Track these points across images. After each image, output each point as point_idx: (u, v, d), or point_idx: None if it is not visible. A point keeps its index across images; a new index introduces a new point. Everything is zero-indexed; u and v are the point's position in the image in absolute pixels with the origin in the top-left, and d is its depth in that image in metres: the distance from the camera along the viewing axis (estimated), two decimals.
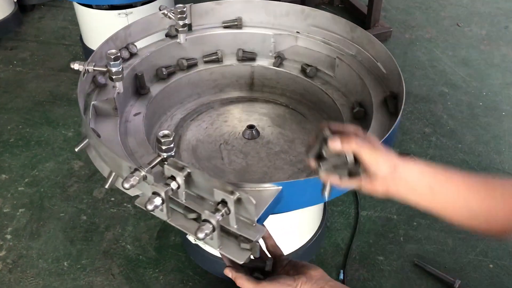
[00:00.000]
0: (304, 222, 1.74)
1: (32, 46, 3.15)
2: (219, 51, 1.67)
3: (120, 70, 1.33)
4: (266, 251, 1.16)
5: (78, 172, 2.24)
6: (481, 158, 2.32)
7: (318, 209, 1.77)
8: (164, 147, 1.06)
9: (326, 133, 0.98)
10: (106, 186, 1.16)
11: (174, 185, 0.95)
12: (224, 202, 0.91)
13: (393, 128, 1.22)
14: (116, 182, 1.17)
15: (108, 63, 1.32)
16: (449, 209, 0.98)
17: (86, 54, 2.82)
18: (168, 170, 0.96)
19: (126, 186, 0.97)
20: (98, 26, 2.62)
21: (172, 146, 1.07)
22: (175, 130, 1.57)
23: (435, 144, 2.40)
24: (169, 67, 1.62)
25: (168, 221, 0.98)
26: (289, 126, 1.60)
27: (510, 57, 3.06)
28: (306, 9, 1.64)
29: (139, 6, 2.53)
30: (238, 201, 0.91)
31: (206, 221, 0.88)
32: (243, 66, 1.70)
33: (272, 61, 1.69)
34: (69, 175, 2.22)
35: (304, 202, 1.17)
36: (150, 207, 0.92)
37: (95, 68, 1.35)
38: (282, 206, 1.09)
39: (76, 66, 1.37)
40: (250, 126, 1.54)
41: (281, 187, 1.06)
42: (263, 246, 1.14)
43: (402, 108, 1.28)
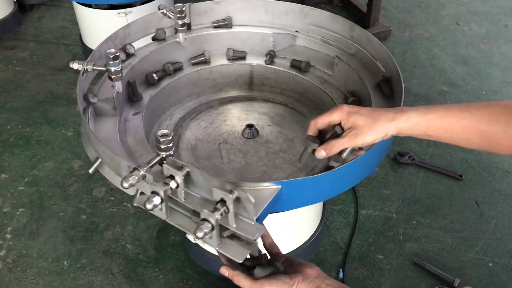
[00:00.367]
0: (303, 221, 1.74)
1: (31, 46, 3.15)
2: (207, 52, 1.65)
3: (119, 69, 1.33)
4: (264, 250, 1.16)
5: (78, 171, 2.24)
6: (480, 157, 2.32)
7: (317, 208, 1.77)
8: (163, 147, 1.06)
9: (311, 145, 1.14)
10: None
11: (173, 184, 0.95)
12: (223, 201, 0.91)
13: None
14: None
15: (107, 63, 1.32)
16: (459, 142, 1.06)
17: (86, 53, 2.82)
18: (167, 170, 0.96)
19: (125, 185, 0.97)
20: (98, 26, 2.62)
21: (171, 145, 1.07)
22: (175, 129, 1.57)
23: (435, 142, 2.40)
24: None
25: (167, 220, 0.98)
26: (288, 125, 1.60)
27: (509, 55, 3.06)
28: (305, 8, 1.64)
29: (139, 5, 2.53)
30: (237, 200, 0.91)
31: (205, 220, 0.89)
32: (242, 65, 1.70)
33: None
34: (68, 175, 2.22)
35: (303, 201, 1.17)
36: (149, 206, 0.92)
37: (94, 67, 1.35)
38: (281, 205, 1.09)
39: (75, 65, 1.37)
40: (250, 125, 1.54)
41: (280, 186, 1.06)
42: (261, 244, 1.14)
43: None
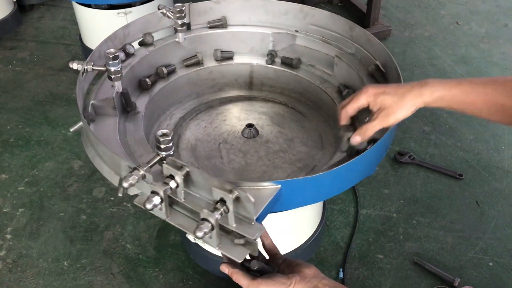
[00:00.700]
0: (303, 220, 1.74)
1: (31, 46, 3.15)
2: (199, 54, 1.65)
3: (119, 69, 1.33)
4: (263, 250, 1.16)
5: (78, 171, 2.24)
6: (480, 156, 2.32)
7: (317, 207, 1.77)
8: (163, 146, 1.06)
9: (346, 133, 1.21)
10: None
11: (173, 184, 0.95)
12: (223, 201, 0.91)
13: (391, 127, 1.22)
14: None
15: (106, 63, 1.32)
16: (481, 115, 1.12)
17: (86, 53, 2.82)
18: (167, 169, 0.96)
19: (125, 185, 0.97)
20: (97, 26, 2.62)
21: (171, 145, 1.07)
22: (174, 129, 1.57)
23: (435, 142, 2.40)
24: (168, 66, 1.61)
25: (167, 220, 0.98)
26: (288, 125, 1.60)
27: (509, 55, 3.06)
28: (305, 7, 1.64)
29: (138, 5, 2.53)
30: (237, 199, 0.91)
31: (205, 220, 0.89)
32: (242, 65, 1.70)
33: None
34: (68, 175, 2.22)
35: (303, 201, 1.17)
36: (149, 206, 0.92)
37: (94, 67, 1.35)
38: (281, 205, 1.09)
39: (75, 65, 1.37)
40: (249, 125, 1.54)
41: (280, 186, 1.06)
42: (260, 244, 1.14)
43: None
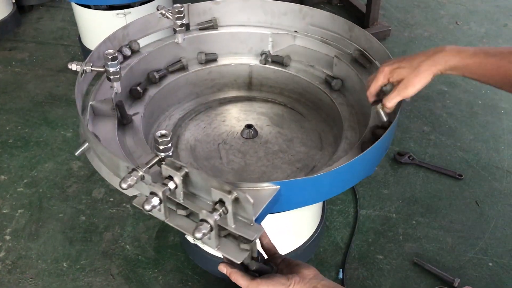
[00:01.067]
0: (303, 221, 1.74)
1: (30, 47, 3.15)
2: (183, 59, 1.63)
3: (117, 70, 1.33)
4: (261, 250, 1.16)
5: (77, 172, 2.24)
6: (480, 157, 2.32)
7: (317, 208, 1.77)
8: (161, 147, 1.06)
9: (376, 108, 1.24)
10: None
11: (171, 185, 0.95)
12: (221, 202, 0.91)
13: (391, 127, 1.22)
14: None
15: (105, 64, 1.32)
16: (495, 85, 1.14)
17: (85, 54, 2.82)
18: (165, 170, 0.95)
19: (124, 186, 0.97)
20: (97, 26, 2.62)
21: (169, 146, 1.07)
22: (174, 130, 1.57)
23: (434, 142, 2.40)
24: (167, 67, 1.62)
25: (166, 221, 0.98)
26: (287, 125, 1.59)
27: None
28: (304, 8, 1.64)
29: (137, 6, 2.53)
30: (236, 200, 0.91)
31: (203, 220, 0.88)
32: (241, 66, 1.70)
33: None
34: (68, 176, 2.22)
35: (302, 201, 1.16)
36: (147, 207, 0.92)
37: (93, 68, 1.35)
38: (280, 206, 1.09)
39: (73, 66, 1.37)
40: (249, 126, 1.54)
41: (279, 187, 1.06)
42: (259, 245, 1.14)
43: (401, 107, 1.28)
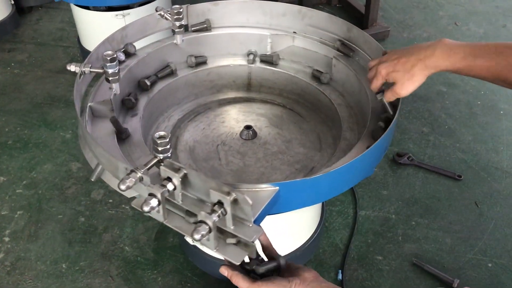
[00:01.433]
0: (302, 222, 1.74)
1: (29, 48, 3.15)
2: (172, 64, 1.62)
3: (116, 71, 1.33)
4: (262, 253, 1.15)
5: (76, 173, 2.24)
6: (479, 157, 2.32)
7: (316, 209, 1.77)
8: (160, 148, 1.06)
9: (380, 97, 1.32)
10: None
11: (170, 186, 0.95)
12: (220, 203, 0.90)
13: (390, 127, 1.22)
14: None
15: (104, 65, 1.32)
16: (486, 81, 1.18)
17: (84, 55, 2.82)
18: (164, 171, 0.95)
19: (122, 187, 0.97)
20: (95, 28, 2.62)
21: (168, 147, 1.07)
22: (173, 131, 1.56)
23: (433, 143, 2.40)
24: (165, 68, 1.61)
25: (164, 222, 0.97)
26: (286, 126, 1.59)
27: None
28: (303, 9, 1.64)
29: (136, 7, 2.53)
30: (235, 202, 0.91)
31: (202, 222, 0.88)
32: (240, 67, 1.70)
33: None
34: (67, 177, 2.22)
35: (301, 203, 1.16)
36: (146, 209, 0.92)
37: (92, 69, 1.35)
38: (279, 207, 1.09)
39: (72, 67, 1.37)
40: (248, 127, 1.54)
41: (278, 188, 1.06)
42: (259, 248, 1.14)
43: (399, 107, 1.28)
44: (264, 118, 1.62)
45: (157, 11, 1.57)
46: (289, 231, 1.70)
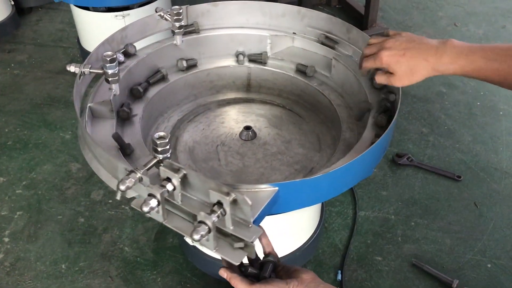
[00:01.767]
0: (301, 223, 1.74)
1: (29, 49, 3.15)
2: (163, 69, 1.61)
3: (116, 72, 1.33)
4: (262, 254, 1.16)
5: (76, 174, 2.24)
6: (478, 158, 2.32)
7: (315, 209, 1.77)
8: (159, 149, 1.06)
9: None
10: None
11: (169, 186, 0.95)
12: (219, 204, 0.91)
13: (389, 128, 1.22)
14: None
15: (104, 65, 1.32)
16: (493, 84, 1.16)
17: (84, 56, 2.82)
18: (163, 172, 0.95)
19: (122, 188, 0.97)
20: (95, 28, 2.63)
21: (167, 147, 1.07)
22: (172, 131, 1.56)
23: (433, 144, 2.40)
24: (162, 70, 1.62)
25: (164, 222, 0.98)
26: (286, 127, 1.60)
27: None
28: (302, 9, 1.64)
29: (136, 8, 2.54)
30: (234, 202, 0.91)
31: (201, 222, 0.88)
32: (240, 68, 1.70)
33: (271, 62, 1.69)
34: (66, 178, 2.22)
35: (301, 203, 1.17)
36: (145, 209, 0.92)
37: (91, 70, 1.35)
38: (278, 207, 1.09)
39: (72, 68, 1.37)
40: (247, 127, 1.54)
41: (277, 188, 1.06)
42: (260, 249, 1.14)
43: (399, 107, 1.29)
44: (263, 118, 1.63)
45: (156, 12, 1.57)
46: (288, 232, 1.70)
